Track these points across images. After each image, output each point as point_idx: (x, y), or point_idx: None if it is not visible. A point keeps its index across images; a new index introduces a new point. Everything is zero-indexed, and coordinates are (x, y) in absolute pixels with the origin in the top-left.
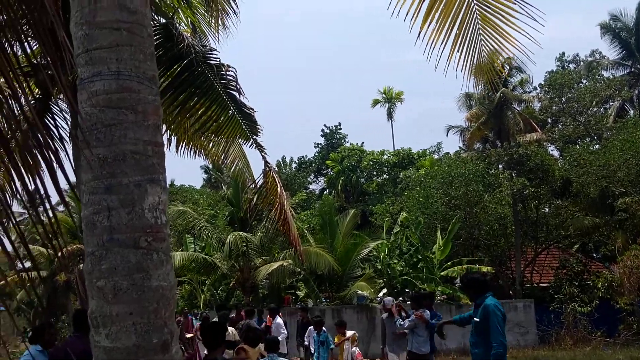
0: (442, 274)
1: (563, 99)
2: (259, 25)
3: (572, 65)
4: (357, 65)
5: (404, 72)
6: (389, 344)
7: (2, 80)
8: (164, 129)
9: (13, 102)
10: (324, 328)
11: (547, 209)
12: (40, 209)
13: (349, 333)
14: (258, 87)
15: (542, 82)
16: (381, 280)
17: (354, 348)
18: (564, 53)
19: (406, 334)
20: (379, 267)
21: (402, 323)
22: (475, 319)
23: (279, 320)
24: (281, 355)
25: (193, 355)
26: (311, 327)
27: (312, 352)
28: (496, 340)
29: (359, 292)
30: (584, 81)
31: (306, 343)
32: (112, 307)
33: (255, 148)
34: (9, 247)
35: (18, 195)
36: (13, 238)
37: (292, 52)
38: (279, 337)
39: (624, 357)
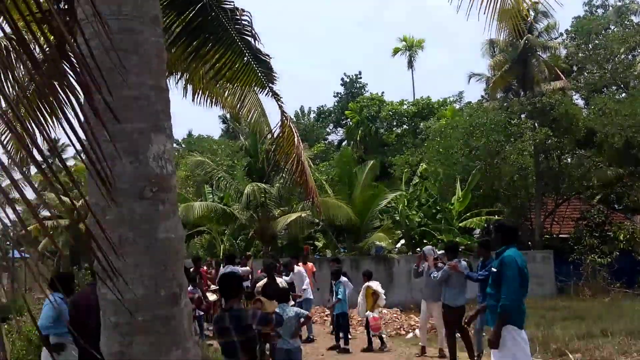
0: (460, 225)
1: (590, 45)
2: None
3: (600, 11)
4: (377, 11)
5: (426, 18)
6: (424, 293)
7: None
8: (178, 77)
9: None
10: (342, 278)
11: (569, 160)
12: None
13: (374, 285)
14: (273, 33)
15: (569, 28)
16: (399, 232)
17: (373, 312)
18: None
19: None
20: (397, 218)
21: (435, 275)
22: (493, 268)
23: (297, 268)
24: (307, 301)
25: (211, 305)
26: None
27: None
28: (505, 292)
29: (377, 243)
30: (613, 27)
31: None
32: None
33: (271, 97)
34: (31, 195)
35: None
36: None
37: None
38: (304, 285)
39: None
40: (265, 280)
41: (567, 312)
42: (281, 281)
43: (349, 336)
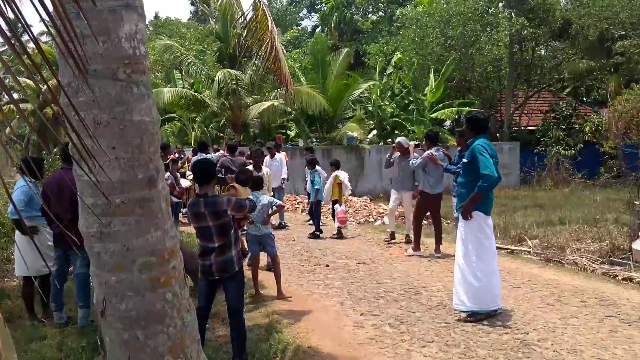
0: (432, 116)
1: None
2: None
3: None
4: None
5: None
6: (394, 183)
7: None
8: None
9: None
10: (316, 168)
11: (543, 52)
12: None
13: (341, 175)
14: None
15: None
16: (371, 122)
17: (342, 206)
18: None
19: (413, 173)
20: (370, 108)
21: (414, 162)
22: (464, 159)
23: (278, 156)
24: (280, 190)
25: (184, 191)
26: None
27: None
28: (482, 175)
29: (349, 133)
30: None
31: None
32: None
33: None
34: None
35: None
36: None
37: None
38: (283, 174)
39: (600, 198)
40: (250, 167)
41: (528, 201)
42: (265, 171)
43: (321, 223)
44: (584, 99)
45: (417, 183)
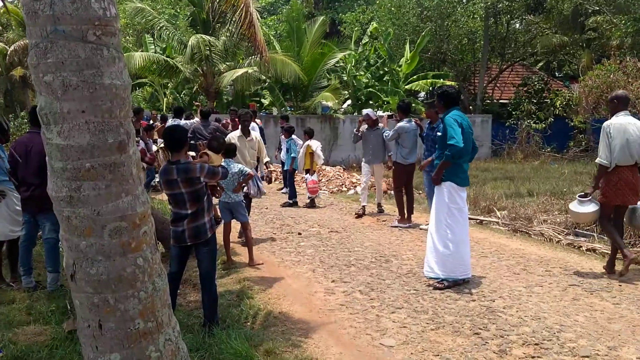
0: (406, 87)
1: None
2: None
3: None
4: None
5: None
6: (366, 156)
7: None
8: None
9: None
10: (292, 136)
11: (518, 25)
12: None
13: (313, 145)
14: None
15: None
16: (346, 92)
17: (312, 176)
18: None
19: (384, 143)
20: (345, 78)
21: (387, 134)
22: (438, 133)
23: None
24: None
25: (154, 157)
26: (282, 136)
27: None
28: (448, 145)
29: (324, 102)
30: None
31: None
32: (63, 104)
33: None
34: None
35: None
36: None
37: None
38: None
39: (568, 171)
40: (238, 131)
41: (498, 174)
42: (254, 135)
43: (296, 191)
44: (556, 73)
45: (390, 153)
